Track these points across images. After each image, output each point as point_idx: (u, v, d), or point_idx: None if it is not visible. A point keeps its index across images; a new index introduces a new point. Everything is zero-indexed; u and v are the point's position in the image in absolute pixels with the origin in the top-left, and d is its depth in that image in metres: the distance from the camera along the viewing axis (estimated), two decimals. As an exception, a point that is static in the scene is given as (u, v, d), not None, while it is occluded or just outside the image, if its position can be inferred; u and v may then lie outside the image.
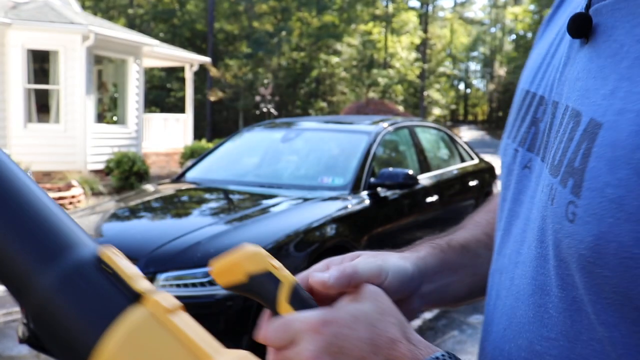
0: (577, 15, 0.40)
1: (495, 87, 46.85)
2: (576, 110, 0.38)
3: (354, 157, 3.50)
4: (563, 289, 0.37)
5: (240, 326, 2.37)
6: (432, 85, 37.25)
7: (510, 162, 0.48)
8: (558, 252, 0.37)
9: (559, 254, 0.37)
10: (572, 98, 0.39)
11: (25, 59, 9.01)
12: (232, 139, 4.32)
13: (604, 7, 0.38)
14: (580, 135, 0.36)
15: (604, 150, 0.33)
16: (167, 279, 2.37)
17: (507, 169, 0.49)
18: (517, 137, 0.48)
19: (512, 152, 0.48)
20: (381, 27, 31.67)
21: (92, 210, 3.17)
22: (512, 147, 0.49)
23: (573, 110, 0.38)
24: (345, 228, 2.94)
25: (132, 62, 10.57)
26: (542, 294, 0.39)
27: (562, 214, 0.36)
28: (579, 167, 0.35)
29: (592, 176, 0.34)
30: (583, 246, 0.34)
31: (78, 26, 9.02)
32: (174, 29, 28.30)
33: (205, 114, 25.13)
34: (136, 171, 8.18)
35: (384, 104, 14.33)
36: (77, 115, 9.22)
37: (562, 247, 0.36)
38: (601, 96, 0.36)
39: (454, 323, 3.58)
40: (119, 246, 1.90)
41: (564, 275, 0.36)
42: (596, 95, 0.36)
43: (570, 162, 0.36)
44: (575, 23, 0.40)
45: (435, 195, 3.93)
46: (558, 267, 0.37)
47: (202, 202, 3.38)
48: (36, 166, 8.28)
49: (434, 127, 4.92)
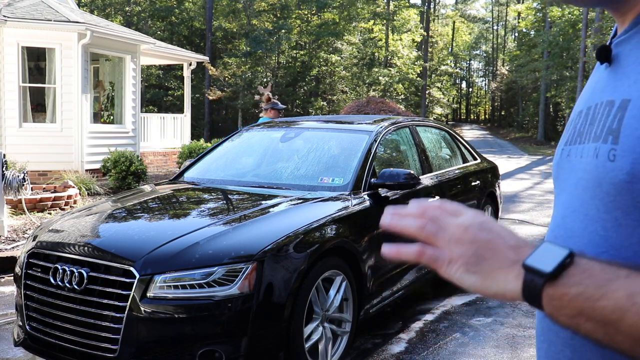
0: (601, 47, 0.63)
1: (498, 85, 46.82)
2: (610, 100, 0.59)
3: (354, 157, 3.45)
4: (608, 212, 0.55)
5: (240, 328, 2.32)
6: (433, 84, 37.24)
7: (558, 159, 0.69)
8: (601, 187, 0.56)
9: (602, 189, 0.56)
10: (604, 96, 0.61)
11: (21, 57, 8.94)
12: (230, 138, 4.27)
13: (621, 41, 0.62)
14: (615, 110, 0.57)
15: (633, 113, 0.54)
16: (165, 281, 2.32)
17: (556, 165, 0.70)
18: (563, 141, 0.69)
19: (560, 152, 0.69)
20: (382, 25, 31.60)
21: (89, 211, 3.12)
22: (560, 148, 0.70)
23: (607, 101, 0.59)
24: (345, 229, 2.89)
25: (129, 60, 10.51)
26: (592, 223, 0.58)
27: (604, 159, 0.56)
28: (616, 127, 0.56)
29: (626, 129, 0.54)
30: (623, 172, 0.53)
31: (74, 24, 8.95)
32: (172, 27, 28.21)
33: (204, 113, 25.06)
34: (133, 171, 8.12)
35: (384, 102, 14.27)
36: (73, 114, 9.15)
37: (605, 182, 0.56)
38: (627, 86, 0.57)
39: (455, 325, 3.54)
40: (116, 247, 1.82)
41: (608, 202, 0.55)
42: (623, 87, 0.57)
43: (609, 128, 0.57)
44: (601, 52, 0.63)
45: (436, 195, 3.88)
46: (603, 199, 0.56)
47: (200, 202, 3.32)
48: (32, 166, 8.21)
49: (436, 126, 4.86)
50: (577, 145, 0.64)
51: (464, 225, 0.55)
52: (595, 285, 0.48)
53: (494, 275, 0.53)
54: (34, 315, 2.59)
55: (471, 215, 0.56)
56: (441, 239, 0.55)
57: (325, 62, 28.62)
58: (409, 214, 0.58)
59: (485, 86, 57.64)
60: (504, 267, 0.52)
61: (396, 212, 0.59)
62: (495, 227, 0.55)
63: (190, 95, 13.85)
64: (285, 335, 2.42)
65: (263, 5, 26.61)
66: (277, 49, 26.40)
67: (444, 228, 0.56)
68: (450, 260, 0.54)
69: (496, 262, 0.53)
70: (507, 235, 0.55)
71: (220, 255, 2.38)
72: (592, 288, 0.48)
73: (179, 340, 2.30)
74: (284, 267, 2.46)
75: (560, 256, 0.50)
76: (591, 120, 0.62)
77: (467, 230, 0.55)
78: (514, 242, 0.54)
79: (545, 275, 0.50)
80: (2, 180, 5.33)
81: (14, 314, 3.35)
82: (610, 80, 0.61)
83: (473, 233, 0.54)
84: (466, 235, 0.55)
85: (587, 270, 0.49)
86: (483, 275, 0.53)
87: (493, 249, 0.53)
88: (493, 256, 0.53)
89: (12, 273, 3.27)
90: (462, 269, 0.54)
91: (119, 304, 2.32)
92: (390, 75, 29.65)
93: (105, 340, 2.34)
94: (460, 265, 0.54)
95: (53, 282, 2.49)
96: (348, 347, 2.87)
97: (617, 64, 0.61)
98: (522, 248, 0.53)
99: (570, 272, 0.49)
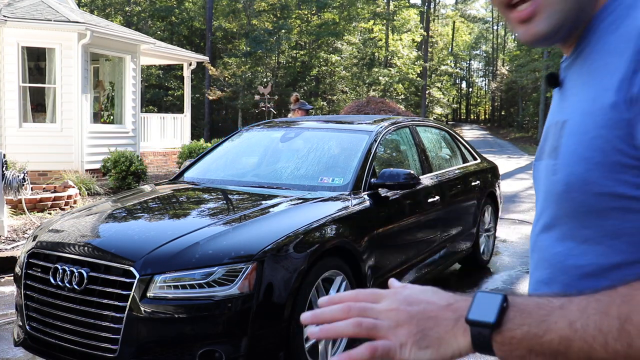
0: (549, 74, 0.72)
1: (498, 85, 46.80)
2: (557, 120, 0.68)
3: (354, 157, 3.45)
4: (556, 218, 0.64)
5: (240, 328, 2.32)
6: (433, 84, 37.21)
7: (533, 173, 0.78)
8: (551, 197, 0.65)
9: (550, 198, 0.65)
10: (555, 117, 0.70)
11: (21, 57, 8.94)
12: (230, 138, 4.26)
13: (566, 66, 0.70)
14: (559, 130, 0.66)
15: (568, 131, 0.62)
16: (165, 281, 2.32)
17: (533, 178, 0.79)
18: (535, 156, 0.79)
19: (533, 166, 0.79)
20: (382, 25, 31.59)
21: (89, 211, 3.12)
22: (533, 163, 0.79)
23: (556, 121, 0.69)
24: (345, 229, 2.89)
25: (129, 60, 10.51)
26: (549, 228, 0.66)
27: (550, 173, 0.65)
28: (557, 145, 0.65)
29: (563, 146, 0.62)
30: (561, 184, 0.61)
31: (74, 24, 8.95)
32: (172, 27, 28.21)
33: (204, 113, 25.05)
34: (133, 171, 8.12)
35: (384, 102, 14.28)
36: (73, 114, 9.15)
37: (552, 194, 0.64)
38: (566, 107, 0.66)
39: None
40: (116, 247, 1.82)
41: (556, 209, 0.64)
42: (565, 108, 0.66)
43: (554, 145, 0.66)
44: (549, 79, 0.72)
45: (436, 195, 3.88)
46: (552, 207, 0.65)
47: (200, 202, 3.32)
48: (32, 166, 8.21)
49: (436, 126, 4.86)
50: (539, 162, 0.73)
51: (393, 308, 0.57)
52: (537, 322, 0.51)
53: (444, 341, 0.55)
54: (34, 315, 2.59)
55: (392, 295, 0.58)
56: (381, 329, 0.56)
57: (325, 62, 28.62)
58: (334, 318, 0.58)
59: (485, 86, 57.63)
60: (449, 329, 0.55)
61: (320, 320, 0.58)
62: (420, 295, 0.58)
63: (190, 95, 13.85)
64: (285, 335, 2.42)
65: (263, 5, 26.61)
66: (277, 49, 26.41)
67: (377, 318, 0.57)
68: (401, 345, 0.55)
69: (440, 328, 0.55)
70: (435, 298, 0.57)
71: (220, 255, 2.38)
72: (534, 326, 0.51)
73: (179, 340, 2.30)
74: (284, 267, 2.46)
75: (497, 303, 0.53)
76: (546, 139, 0.71)
77: (400, 311, 0.57)
78: (445, 302, 0.56)
79: (491, 326, 0.52)
80: (2, 180, 5.33)
81: (14, 314, 3.35)
82: (559, 102, 0.70)
83: (406, 311, 0.56)
84: (401, 316, 0.56)
85: (524, 310, 0.52)
86: (435, 345, 0.55)
87: (432, 317, 0.55)
88: (435, 325, 0.55)
89: (12, 273, 3.27)
90: (415, 348, 0.55)
91: (119, 304, 2.32)
92: (390, 75, 29.64)
93: (105, 340, 2.34)
94: (411, 345, 0.55)
95: (53, 282, 2.49)
96: (348, 347, 2.87)
97: (564, 87, 0.69)
98: (455, 304, 0.56)
99: (509, 316, 0.52)
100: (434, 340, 0.55)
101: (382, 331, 0.56)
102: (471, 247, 4.54)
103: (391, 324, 0.56)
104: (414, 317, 0.56)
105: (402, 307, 0.57)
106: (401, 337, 0.55)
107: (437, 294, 0.58)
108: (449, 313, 0.55)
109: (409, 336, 0.55)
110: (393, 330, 0.56)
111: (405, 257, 3.47)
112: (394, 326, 0.56)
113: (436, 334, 0.55)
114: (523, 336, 0.51)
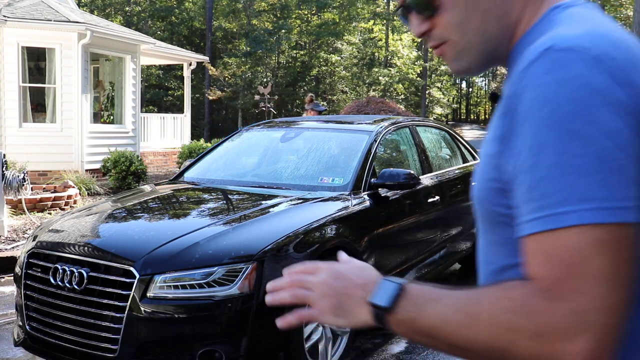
0: (491, 93, 0.79)
1: (498, 85, 46.82)
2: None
3: (354, 157, 3.45)
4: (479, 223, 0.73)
5: (240, 328, 2.32)
6: (433, 84, 37.21)
7: None
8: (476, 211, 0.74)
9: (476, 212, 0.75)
10: None
11: (21, 57, 8.93)
12: (230, 138, 4.26)
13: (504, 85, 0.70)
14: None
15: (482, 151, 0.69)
16: (165, 281, 2.32)
17: None
18: None
19: None
20: (382, 25, 31.59)
21: (89, 211, 3.12)
22: None
23: None
24: (345, 229, 2.89)
25: (129, 60, 10.51)
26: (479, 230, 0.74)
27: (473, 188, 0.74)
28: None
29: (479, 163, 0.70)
30: (474, 197, 0.70)
31: (74, 24, 8.95)
32: (172, 27, 28.22)
33: (204, 113, 25.05)
34: (133, 171, 8.12)
35: (384, 102, 14.27)
36: (73, 114, 9.15)
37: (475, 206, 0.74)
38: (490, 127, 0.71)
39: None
40: (116, 247, 1.82)
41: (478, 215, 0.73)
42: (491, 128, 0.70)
43: None
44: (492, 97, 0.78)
45: (436, 195, 3.88)
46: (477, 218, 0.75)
47: (200, 202, 3.32)
48: (32, 166, 8.21)
49: (436, 126, 4.86)
50: None
51: (322, 282, 0.70)
52: (418, 310, 0.63)
53: (354, 314, 0.68)
54: (34, 315, 2.59)
55: (326, 269, 0.71)
56: (311, 299, 0.71)
57: (325, 62, 28.63)
58: (282, 287, 0.74)
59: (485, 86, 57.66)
60: (358, 305, 0.67)
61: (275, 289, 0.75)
62: (346, 273, 0.70)
63: (190, 95, 13.85)
64: (285, 335, 2.42)
65: (263, 5, 26.61)
66: (277, 49, 26.41)
67: (310, 289, 0.71)
68: (323, 312, 0.70)
69: (352, 303, 0.68)
70: (356, 277, 0.69)
71: (220, 255, 2.38)
72: (414, 313, 0.63)
73: (179, 340, 2.31)
74: (284, 267, 2.46)
75: (391, 290, 0.64)
76: None
77: (327, 285, 0.70)
78: (361, 281, 0.69)
79: (384, 309, 0.64)
80: (2, 180, 5.34)
81: (14, 314, 3.35)
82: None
83: (331, 285, 0.69)
84: (326, 289, 0.69)
85: (412, 298, 0.63)
86: (347, 316, 0.68)
87: (347, 293, 0.68)
88: (348, 300, 0.68)
89: (12, 273, 3.27)
90: (332, 315, 0.69)
91: (119, 304, 2.32)
92: (390, 75, 29.63)
93: (105, 340, 2.34)
94: (329, 313, 0.69)
95: (53, 282, 2.49)
96: (348, 347, 2.87)
97: None
98: (368, 284, 0.68)
99: (401, 302, 0.63)
100: (347, 312, 0.68)
101: (311, 301, 0.70)
102: (471, 247, 4.54)
103: (318, 295, 0.70)
104: (335, 291, 0.69)
105: (329, 281, 0.70)
106: (324, 307, 0.69)
107: (363, 272, 0.70)
108: (361, 292, 0.67)
109: (329, 306, 0.69)
110: (319, 301, 0.70)
111: (405, 257, 3.47)
112: (319, 297, 0.70)
113: (348, 308, 0.68)
114: (407, 319, 0.63)
